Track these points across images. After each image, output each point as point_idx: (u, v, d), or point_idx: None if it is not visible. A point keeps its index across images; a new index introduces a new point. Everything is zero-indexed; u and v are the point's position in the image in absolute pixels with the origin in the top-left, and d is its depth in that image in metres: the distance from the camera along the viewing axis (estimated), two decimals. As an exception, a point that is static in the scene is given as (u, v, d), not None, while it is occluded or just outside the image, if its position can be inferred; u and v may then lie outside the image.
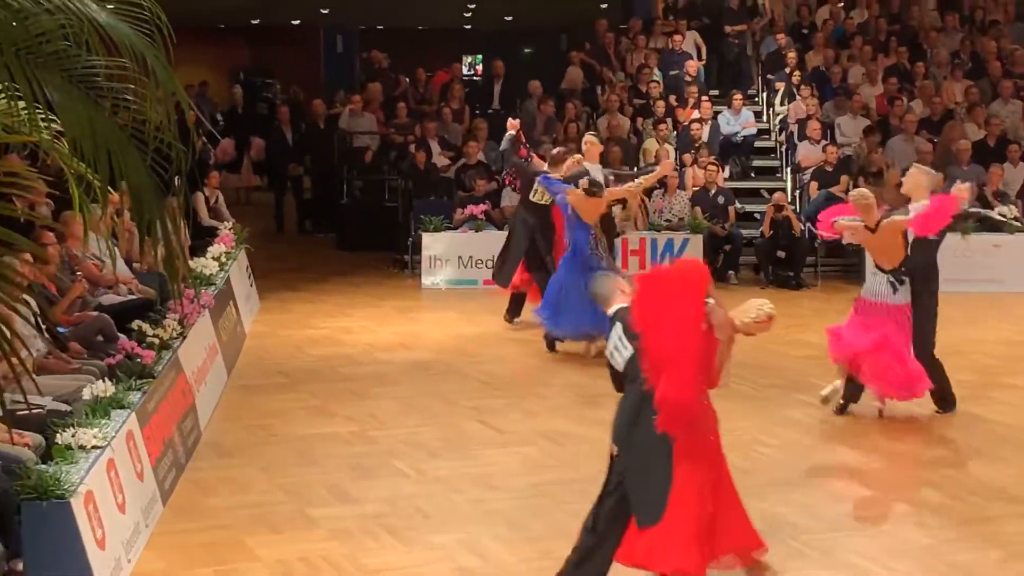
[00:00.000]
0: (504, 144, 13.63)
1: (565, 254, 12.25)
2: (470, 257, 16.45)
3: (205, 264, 11.98)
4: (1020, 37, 21.05)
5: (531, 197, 13.19)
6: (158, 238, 4.02)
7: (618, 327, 6.06)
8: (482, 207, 16.71)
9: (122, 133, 4.04)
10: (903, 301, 9.74)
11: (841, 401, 10.02)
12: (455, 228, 16.64)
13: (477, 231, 16.53)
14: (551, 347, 12.47)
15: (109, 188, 4.10)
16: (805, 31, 21.51)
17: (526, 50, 32.55)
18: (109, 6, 4.14)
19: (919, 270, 9.83)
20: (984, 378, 11.45)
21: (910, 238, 9.81)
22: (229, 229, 14.12)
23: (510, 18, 31.02)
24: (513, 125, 13.48)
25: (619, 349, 6.05)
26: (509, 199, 17.18)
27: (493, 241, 16.43)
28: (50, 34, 3.98)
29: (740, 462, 8.83)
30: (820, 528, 7.58)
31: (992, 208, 16.19)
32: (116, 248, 10.43)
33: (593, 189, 11.83)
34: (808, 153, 18.28)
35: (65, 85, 3.88)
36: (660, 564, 5.94)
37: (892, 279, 9.68)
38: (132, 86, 4.17)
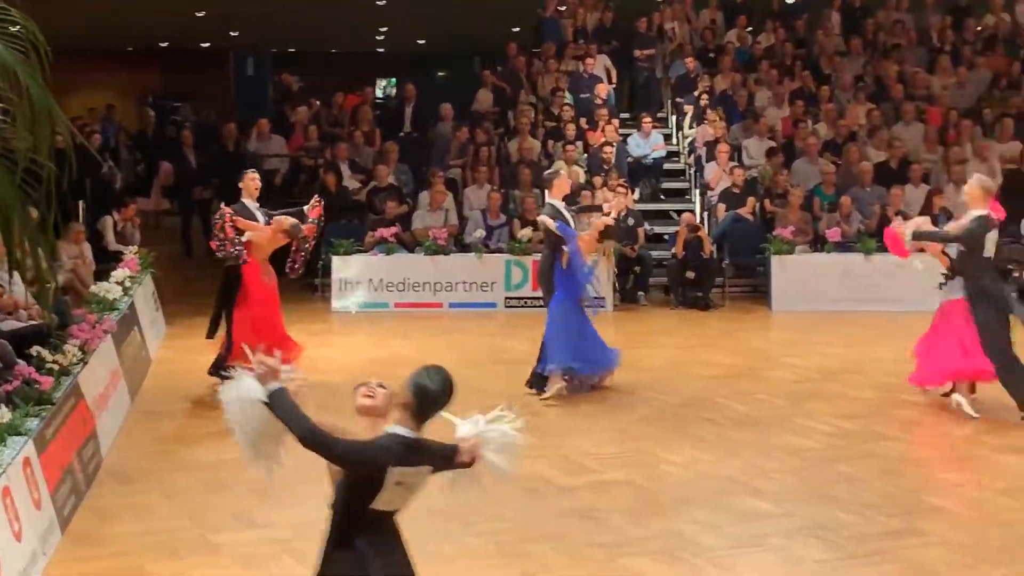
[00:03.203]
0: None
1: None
2: (381, 280, 16.44)
3: (108, 289, 11.84)
4: (921, 61, 21.49)
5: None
6: (26, 257, 3.95)
7: None
8: (393, 230, 16.70)
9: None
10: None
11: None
12: (366, 251, 16.61)
13: (388, 254, 16.53)
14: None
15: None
16: (712, 54, 21.78)
17: (439, 73, 32.63)
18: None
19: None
20: (884, 395, 11.64)
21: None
22: (134, 254, 13.97)
23: (423, 41, 31.08)
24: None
25: None
26: (421, 221, 17.20)
27: (404, 264, 16.50)
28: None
29: (645, 481, 8.93)
30: (722, 546, 7.62)
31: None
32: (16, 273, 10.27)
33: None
34: (716, 175, 18.50)
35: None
36: None
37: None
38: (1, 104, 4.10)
